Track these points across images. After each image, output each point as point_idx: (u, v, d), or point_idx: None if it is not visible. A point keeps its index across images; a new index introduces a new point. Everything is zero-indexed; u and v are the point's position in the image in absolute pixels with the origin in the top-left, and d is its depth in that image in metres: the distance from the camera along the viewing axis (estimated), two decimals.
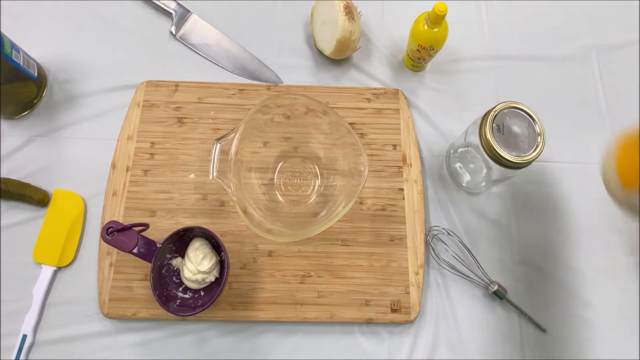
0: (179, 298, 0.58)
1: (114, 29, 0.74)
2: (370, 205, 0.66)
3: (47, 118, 0.69)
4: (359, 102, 0.71)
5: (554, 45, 0.78)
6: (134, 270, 0.61)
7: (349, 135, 0.59)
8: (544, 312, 0.64)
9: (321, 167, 0.67)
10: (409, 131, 0.69)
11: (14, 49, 0.62)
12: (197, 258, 0.56)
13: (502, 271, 0.65)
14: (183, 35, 0.74)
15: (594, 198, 0.69)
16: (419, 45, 0.67)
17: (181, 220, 0.64)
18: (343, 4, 0.67)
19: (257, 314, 0.61)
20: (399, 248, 0.64)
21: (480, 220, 0.67)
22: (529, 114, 0.57)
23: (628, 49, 0.78)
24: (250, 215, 0.58)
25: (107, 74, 0.71)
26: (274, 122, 0.65)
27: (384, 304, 0.62)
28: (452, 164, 0.69)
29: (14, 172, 0.65)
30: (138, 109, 0.68)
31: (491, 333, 0.63)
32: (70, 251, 0.62)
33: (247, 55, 0.74)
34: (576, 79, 0.76)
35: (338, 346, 0.61)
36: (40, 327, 0.60)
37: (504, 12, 0.79)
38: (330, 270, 0.63)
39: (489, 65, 0.76)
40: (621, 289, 0.65)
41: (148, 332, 0.60)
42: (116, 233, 0.54)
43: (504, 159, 0.55)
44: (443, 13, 0.61)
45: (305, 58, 0.75)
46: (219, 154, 0.57)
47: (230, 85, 0.70)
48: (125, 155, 0.66)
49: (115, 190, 0.64)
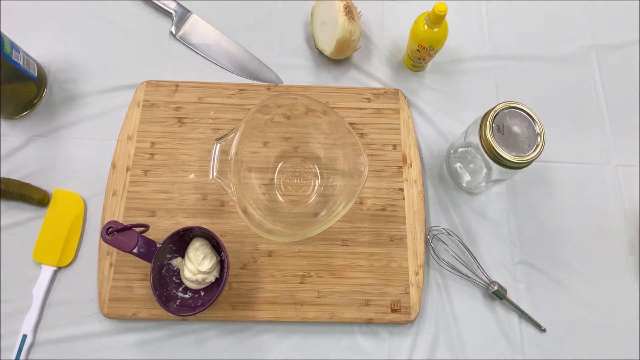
0: (179, 298, 0.58)
1: (114, 29, 0.74)
2: (370, 205, 0.66)
3: (47, 118, 0.69)
4: (359, 102, 0.71)
5: (554, 45, 0.78)
6: (134, 270, 0.61)
7: (349, 135, 0.59)
8: (544, 312, 0.64)
9: (321, 167, 0.67)
10: (409, 131, 0.69)
11: (14, 49, 0.62)
12: (197, 258, 0.56)
13: (502, 271, 0.65)
14: (183, 35, 0.74)
15: (593, 198, 0.69)
16: (419, 45, 0.67)
17: (181, 220, 0.64)
18: (343, 4, 0.67)
19: (257, 314, 0.61)
20: (399, 248, 0.64)
21: (480, 220, 0.67)
22: (529, 114, 0.57)
23: (628, 49, 0.78)
24: (250, 215, 0.58)
25: (107, 74, 0.71)
26: (274, 122, 0.65)
27: (384, 304, 0.62)
28: (452, 164, 0.69)
29: (14, 172, 0.65)
30: (138, 109, 0.68)
31: (491, 333, 0.63)
32: (70, 251, 0.63)
33: (247, 55, 0.74)
34: (576, 79, 0.76)
35: (338, 346, 0.61)
36: (40, 327, 0.60)
37: (504, 12, 0.79)
38: (330, 270, 0.63)
39: (489, 65, 0.76)
40: (621, 289, 0.65)
41: (148, 332, 0.60)
42: (116, 233, 0.54)
43: (504, 159, 0.55)
44: (443, 13, 0.61)
45: (305, 58, 0.75)
46: (219, 154, 0.57)
47: (230, 85, 0.70)
48: (125, 155, 0.66)
49: (115, 190, 0.64)
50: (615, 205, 0.69)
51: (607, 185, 0.70)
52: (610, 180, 0.70)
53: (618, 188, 0.70)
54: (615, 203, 0.69)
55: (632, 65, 0.77)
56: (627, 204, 0.69)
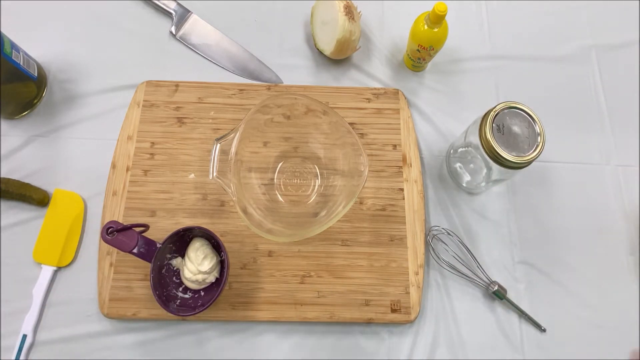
0: (179, 298, 0.58)
1: (114, 29, 0.74)
2: (370, 205, 0.66)
3: (47, 118, 0.69)
4: (359, 102, 0.71)
5: (554, 45, 0.78)
6: (134, 270, 0.61)
7: (349, 135, 0.59)
8: (544, 312, 0.64)
9: (321, 167, 0.67)
10: (409, 131, 0.69)
11: (14, 49, 0.62)
12: (197, 258, 0.56)
13: (502, 271, 0.65)
14: (183, 35, 0.74)
15: (593, 198, 0.69)
16: (419, 45, 0.67)
17: (181, 220, 0.64)
18: (343, 4, 0.67)
19: (257, 314, 0.61)
20: (399, 248, 0.64)
21: (480, 220, 0.67)
22: (529, 114, 0.57)
23: (628, 49, 0.78)
24: (250, 215, 0.58)
25: (107, 74, 0.71)
26: (274, 122, 0.65)
27: (384, 304, 0.62)
28: (452, 164, 0.69)
29: (14, 172, 0.65)
30: (138, 109, 0.68)
31: (491, 333, 0.63)
32: (70, 251, 0.63)
33: (247, 55, 0.74)
34: (576, 79, 0.76)
35: (338, 346, 0.61)
36: (40, 327, 0.60)
37: (504, 12, 0.79)
38: (330, 270, 0.63)
39: (489, 65, 0.76)
40: (621, 289, 0.65)
41: (148, 332, 0.60)
42: (116, 233, 0.54)
43: (504, 159, 0.55)
44: (443, 13, 0.61)
45: (305, 58, 0.75)
46: (219, 154, 0.57)
47: (230, 85, 0.70)
48: (125, 155, 0.66)
49: (115, 190, 0.64)
50: (615, 205, 0.69)
51: (607, 185, 0.70)
52: (610, 180, 0.70)
53: (618, 188, 0.70)
54: (615, 203, 0.69)
55: (632, 65, 0.77)
56: (627, 204, 0.69)
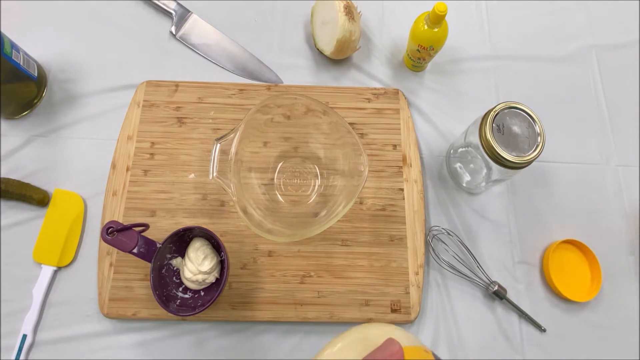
0: (179, 298, 0.58)
1: (114, 29, 0.74)
2: (370, 205, 0.66)
3: (47, 118, 0.69)
4: (359, 102, 0.71)
5: (554, 45, 0.78)
6: (134, 270, 0.61)
7: (349, 135, 0.59)
8: (544, 312, 0.64)
9: (321, 167, 0.67)
10: (409, 131, 0.69)
11: (14, 49, 0.62)
12: (197, 258, 0.56)
13: (502, 271, 0.65)
14: (183, 35, 0.74)
15: (593, 198, 0.69)
16: (419, 45, 0.67)
17: (181, 220, 0.64)
18: (343, 4, 0.67)
19: (257, 314, 0.61)
20: (399, 248, 0.64)
21: (480, 220, 0.67)
22: (529, 114, 0.57)
23: (628, 49, 0.78)
24: (250, 215, 0.58)
25: (107, 74, 0.71)
26: (274, 122, 0.65)
27: (384, 304, 0.62)
28: (452, 164, 0.69)
29: (14, 172, 0.65)
30: (138, 109, 0.68)
31: (491, 333, 0.63)
32: (70, 251, 0.63)
33: (247, 55, 0.74)
34: (576, 79, 0.76)
35: None
36: (40, 327, 0.60)
37: (504, 12, 0.79)
38: (330, 270, 0.63)
39: (489, 65, 0.76)
40: (621, 289, 0.65)
41: (148, 332, 0.60)
42: (116, 233, 0.54)
43: (504, 159, 0.55)
44: (443, 13, 0.61)
45: (305, 58, 0.75)
46: (219, 154, 0.57)
47: (230, 85, 0.70)
48: (125, 155, 0.66)
49: (115, 190, 0.64)
50: (615, 205, 0.69)
51: (607, 185, 0.70)
52: (610, 180, 0.70)
53: (618, 188, 0.70)
54: (615, 203, 0.69)
55: (632, 65, 0.77)
56: (627, 204, 0.69)
